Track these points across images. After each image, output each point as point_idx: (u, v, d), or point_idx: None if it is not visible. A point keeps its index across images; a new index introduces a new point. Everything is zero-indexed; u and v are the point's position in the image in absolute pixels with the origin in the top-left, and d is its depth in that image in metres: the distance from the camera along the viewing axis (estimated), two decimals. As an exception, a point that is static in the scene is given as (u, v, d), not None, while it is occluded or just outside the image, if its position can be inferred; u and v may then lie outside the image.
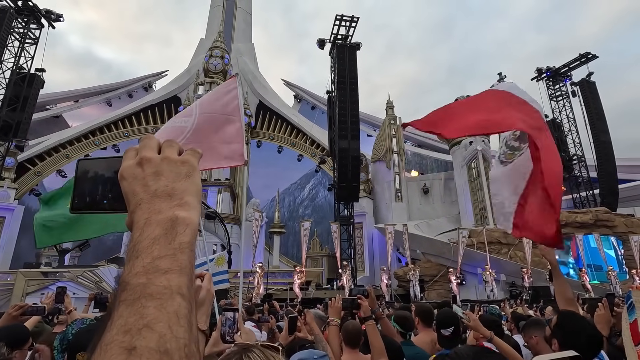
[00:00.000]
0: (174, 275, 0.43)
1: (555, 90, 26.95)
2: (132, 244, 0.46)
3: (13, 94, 19.69)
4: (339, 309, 2.64)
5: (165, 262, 0.44)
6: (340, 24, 23.06)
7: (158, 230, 0.46)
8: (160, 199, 0.50)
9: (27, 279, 14.52)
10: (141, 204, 0.50)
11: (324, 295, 17.60)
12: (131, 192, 0.52)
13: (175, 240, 0.46)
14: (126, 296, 0.41)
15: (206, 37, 37.18)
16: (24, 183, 24.28)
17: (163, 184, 0.51)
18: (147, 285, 0.41)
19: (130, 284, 0.42)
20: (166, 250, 0.45)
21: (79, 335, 1.60)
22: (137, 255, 0.44)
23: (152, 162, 0.53)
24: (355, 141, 21.51)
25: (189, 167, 0.55)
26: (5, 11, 19.49)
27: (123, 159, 0.56)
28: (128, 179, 0.53)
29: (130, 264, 0.44)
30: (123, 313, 0.40)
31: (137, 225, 0.48)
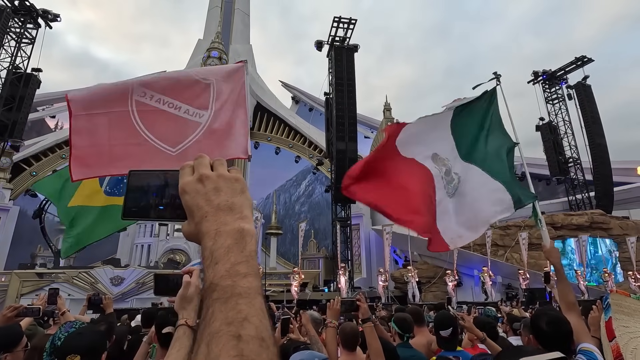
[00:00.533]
0: (252, 278, 0.51)
1: (551, 93, 27.12)
2: (208, 251, 0.54)
3: (9, 93, 19.56)
4: (337, 311, 2.64)
5: (243, 267, 0.52)
6: (338, 26, 23.11)
7: (230, 240, 0.54)
8: (223, 212, 0.58)
9: (21, 280, 14.42)
10: (207, 216, 0.57)
11: (321, 297, 17.59)
12: (195, 205, 0.59)
13: (246, 249, 0.54)
14: (219, 295, 0.49)
15: (204, 38, 37.15)
16: (19, 183, 24.12)
17: (224, 198, 0.59)
18: (234, 286, 0.49)
19: (220, 285, 0.50)
20: (241, 257, 0.53)
21: (70, 337, 1.59)
22: (216, 261, 0.52)
23: (211, 179, 0.61)
24: (353, 143, 21.53)
25: (242, 183, 0.63)
26: (1, 11, 19.39)
27: (181, 175, 0.63)
28: (191, 193, 0.60)
29: (212, 268, 0.52)
30: (222, 308, 0.48)
31: (208, 235, 0.55)
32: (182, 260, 20.40)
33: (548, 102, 27.13)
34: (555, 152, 25.08)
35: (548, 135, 25.40)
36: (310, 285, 19.56)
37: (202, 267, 0.56)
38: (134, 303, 14.18)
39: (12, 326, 2.51)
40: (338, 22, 23.02)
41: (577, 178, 25.25)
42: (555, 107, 26.89)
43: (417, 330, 3.28)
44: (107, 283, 14.77)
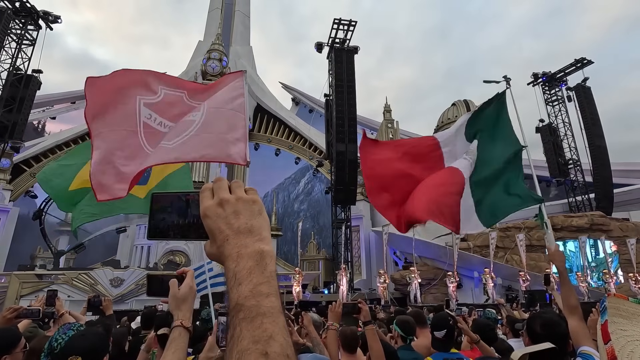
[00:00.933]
0: (274, 298, 0.55)
1: (551, 95, 27.16)
2: (231, 273, 0.57)
3: (9, 94, 19.59)
4: (339, 314, 2.65)
5: (265, 288, 0.55)
6: (338, 28, 23.16)
7: (251, 262, 0.57)
8: (243, 234, 0.61)
9: (21, 282, 14.39)
10: (229, 239, 0.61)
11: (320, 298, 17.57)
12: (217, 229, 0.62)
13: (267, 270, 0.58)
14: (245, 315, 0.52)
15: (204, 40, 37.23)
16: (19, 185, 24.12)
17: (243, 221, 0.62)
18: (259, 306, 0.53)
19: (245, 306, 0.52)
20: (262, 278, 0.56)
21: (73, 339, 1.59)
22: (239, 282, 0.55)
23: (230, 202, 0.64)
24: (353, 144, 21.53)
25: (259, 205, 0.66)
26: (2, 12, 19.43)
27: (201, 198, 0.66)
28: (212, 217, 0.63)
29: (236, 289, 0.55)
30: (249, 327, 0.50)
31: (230, 257, 0.59)
32: (182, 262, 20.38)
33: (548, 103, 27.16)
34: (555, 153, 25.10)
35: (548, 137, 25.43)
36: (310, 287, 19.54)
37: (225, 287, 0.59)
38: (134, 304, 14.17)
39: (9, 328, 2.50)
40: (338, 24, 23.06)
41: (577, 180, 25.26)
42: (555, 108, 26.93)
43: (420, 332, 3.28)
44: (106, 284, 14.75)
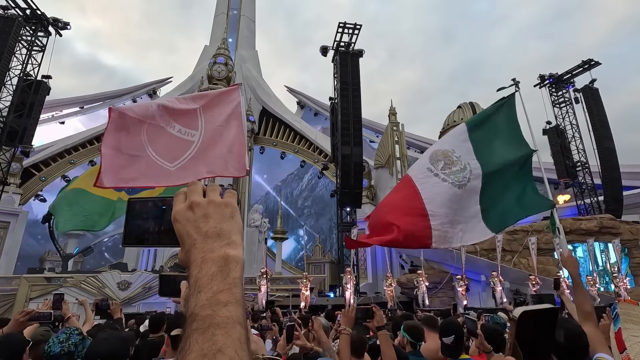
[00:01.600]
0: (233, 307, 0.51)
1: (558, 97, 26.94)
2: (193, 279, 0.54)
3: (20, 100, 19.92)
4: (352, 319, 2.64)
5: (224, 296, 0.52)
6: (343, 32, 23.24)
7: (214, 268, 0.54)
8: (211, 239, 0.58)
9: (30, 285, 14.55)
10: (195, 244, 0.58)
11: (327, 302, 17.51)
12: (185, 233, 0.60)
13: (230, 276, 0.54)
14: (197, 325, 0.49)
15: (210, 44, 37.55)
16: (29, 188, 24.45)
17: (212, 225, 0.59)
18: (213, 316, 0.49)
19: (200, 315, 0.50)
20: (223, 285, 0.53)
21: (95, 343, 1.62)
22: (199, 290, 0.52)
23: (201, 205, 0.61)
24: (358, 147, 21.54)
25: (232, 208, 0.63)
26: (13, 19, 19.80)
27: (174, 202, 0.64)
28: (181, 221, 0.61)
29: (195, 297, 0.52)
30: (198, 340, 0.47)
31: (195, 263, 0.56)
32: (188, 265, 20.48)
33: (555, 105, 26.93)
34: (562, 155, 24.84)
35: (555, 139, 25.19)
36: (316, 291, 19.49)
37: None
38: (141, 307, 14.25)
39: (16, 334, 2.51)
40: (343, 28, 23.15)
41: (585, 182, 24.96)
42: (562, 110, 26.68)
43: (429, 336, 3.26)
44: (114, 287, 14.86)
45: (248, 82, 35.92)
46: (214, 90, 3.81)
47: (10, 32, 19.39)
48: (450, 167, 3.38)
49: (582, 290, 2.35)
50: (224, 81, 29.63)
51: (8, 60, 19.53)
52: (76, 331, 1.76)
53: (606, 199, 23.80)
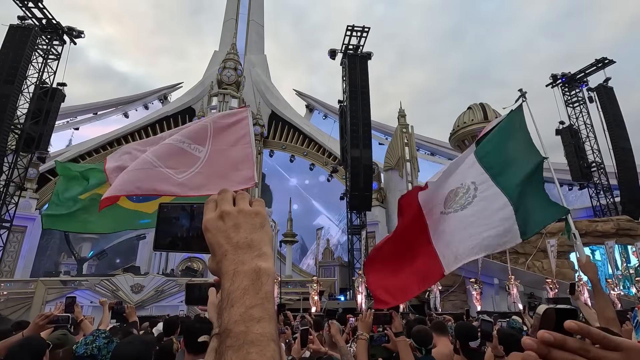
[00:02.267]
0: (266, 323, 0.51)
1: (571, 97, 26.46)
2: (225, 292, 0.54)
3: (36, 107, 20.44)
4: (369, 324, 2.63)
5: (257, 311, 0.51)
6: (352, 34, 23.29)
7: (246, 281, 0.54)
8: (242, 250, 0.58)
9: (47, 287, 14.86)
10: (227, 255, 0.58)
11: (337, 305, 17.45)
12: (216, 243, 0.60)
13: (262, 290, 0.54)
14: (231, 342, 0.49)
15: (219, 50, 38.01)
16: (45, 193, 25.01)
17: (243, 235, 0.59)
18: (247, 333, 0.49)
19: (233, 332, 0.49)
20: (256, 300, 0.52)
21: (120, 346, 1.66)
22: (232, 304, 0.52)
23: (231, 215, 0.61)
24: (367, 150, 21.49)
25: (262, 217, 0.63)
26: (30, 29, 20.37)
27: (205, 210, 0.63)
28: (212, 231, 0.61)
29: (228, 311, 0.52)
30: (232, 357, 0.47)
31: (226, 275, 0.56)
32: (200, 268, 20.66)
33: (568, 105, 26.46)
34: (576, 156, 24.36)
35: (569, 140, 24.73)
36: (326, 294, 19.44)
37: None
38: (154, 310, 14.42)
39: (36, 337, 2.57)
40: (351, 31, 23.19)
41: (600, 183, 24.42)
42: (575, 110, 26.20)
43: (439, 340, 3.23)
44: (127, 290, 15.07)
45: (257, 87, 36.21)
46: (223, 112, 4.01)
47: (27, 42, 19.95)
48: (455, 198, 3.38)
49: (603, 296, 2.30)
50: (234, 86, 29.93)
51: (25, 68, 20.07)
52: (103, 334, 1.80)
53: (623, 200, 23.23)
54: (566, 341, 0.45)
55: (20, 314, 13.83)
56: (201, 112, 30.26)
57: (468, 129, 26.02)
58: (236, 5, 41.19)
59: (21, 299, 14.57)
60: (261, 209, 0.64)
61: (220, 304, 0.54)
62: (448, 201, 3.42)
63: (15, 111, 19.51)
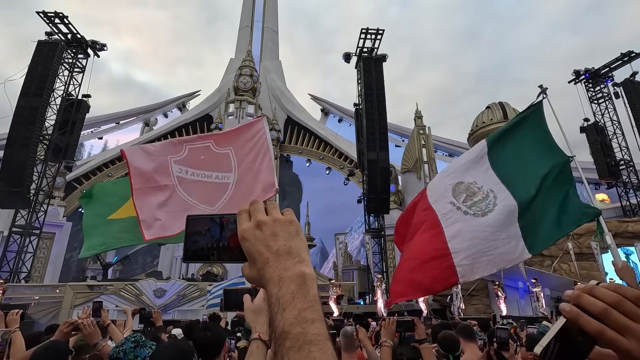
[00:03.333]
0: (319, 324, 0.54)
1: (595, 92, 25.53)
2: (274, 298, 0.57)
3: (63, 118, 21.31)
4: (392, 331, 2.59)
5: (310, 313, 0.54)
6: (366, 37, 23.27)
7: (293, 286, 0.57)
8: (283, 257, 0.60)
9: (74, 292, 15.36)
10: (269, 262, 0.60)
11: (357, 309, 17.30)
12: (256, 251, 0.62)
13: (309, 294, 0.57)
14: (291, 344, 0.52)
15: (235, 57, 38.67)
16: (71, 201, 25.97)
17: (281, 243, 0.62)
18: (305, 333, 0.52)
19: (291, 333, 0.52)
20: (306, 303, 0.55)
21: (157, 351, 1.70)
22: (283, 308, 0.55)
23: (268, 224, 0.64)
24: (384, 152, 21.35)
25: (296, 225, 0.66)
26: (57, 44, 21.31)
27: (239, 221, 0.66)
28: (250, 240, 0.63)
29: (281, 315, 0.55)
30: (296, 357, 0.50)
31: (271, 281, 0.59)
32: (220, 273, 20.91)
33: (592, 101, 25.54)
34: (603, 154, 23.43)
35: (594, 137, 23.83)
36: (346, 298, 19.31)
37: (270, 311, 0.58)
38: (176, 315, 14.68)
39: (59, 342, 2.64)
40: (366, 34, 23.18)
41: (630, 181, 23.39)
42: (600, 106, 25.25)
43: (466, 346, 3.14)
44: (150, 295, 15.41)
45: (273, 92, 36.60)
46: (240, 125, 4.32)
47: (54, 56, 20.87)
48: (472, 198, 3.24)
49: None
50: (250, 92, 30.35)
51: (52, 82, 20.98)
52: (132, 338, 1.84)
53: (655, 199, 22.19)
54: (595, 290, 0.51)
55: (49, 318, 14.34)
56: (219, 118, 30.80)
57: (487, 129, 25.46)
58: (251, 13, 41.87)
59: (51, 303, 15.11)
60: (294, 218, 0.67)
61: (271, 309, 0.57)
62: (459, 194, 3.31)
63: (44, 123, 20.39)
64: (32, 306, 14.25)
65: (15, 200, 18.97)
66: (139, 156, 4.15)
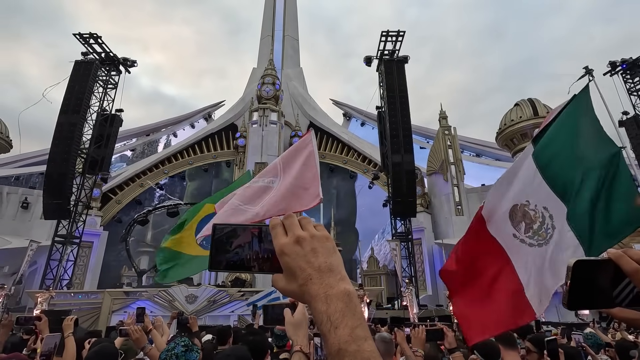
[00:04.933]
0: (371, 341, 0.56)
1: (634, 84, 24.09)
2: (324, 315, 0.58)
3: (98, 133, 22.48)
4: (422, 340, 2.55)
5: (361, 331, 0.56)
6: (387, 40, 23.15)
7: (341, 304, 0.58)
8: (325, 273, 0.62)
9: (112, 298, 16.03)
10: (312, 279, 0.61)
11: (386, 315, 17.02)
12: (298, 267, 0.63)
13: (357, 311, 0.58)
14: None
15: (258, 66, 39.47)
16: (107, 211, 27.22)
17: (322, 260, 0.63)
18: (361, 351, 0.54)
19: (348, 351, 0.54)
20: (356, 321, 0.57)
21: (220, 357, 1.76)
22: (335, 325, 0.56)
23: (306, 240, 0.65)
24: (409, 155, 21.04)
25: (332, 242, 0.67)
26: (91, 63, 22.59)
27: (275, 235, 0.67)
28: (291, 255, 0.64)
29: (334, 332, 0.56)
30: None
31: (317, 298, 0.60)
32: (248, 279, 21.21)
33: (631, 93, 24.11)
34: (645, 149, 22.04)
35: (635, 131, 22.48)
36: (374, 304, 19.06)
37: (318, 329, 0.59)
38: (207, 320, 14.99)
39: (109, 345, 2.77)
40: (386, 36, 23.07)
41: (677, 177, 21.80)
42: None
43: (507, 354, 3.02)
44: (182, 301, 15.83)
45: (295, 99, 37.00)
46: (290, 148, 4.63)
47: (90, 75, 22.12)
48: (531, 225, 2.93)
49: None
50: (273, 100, 30.83)
51: (89, 99, 22.22)
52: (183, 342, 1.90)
53: None
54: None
55: (89, 323, 15.02)
56: (243, 127, 31.45)
57: (516, 127, 24.57)
58: (271, 23, 42.67)
59: (91, 309, 15.84)
60: (329, 234, 0.68)
61: (321, 326, 0.58)
62: (516, 220, 3.01)
63: (82, 137, 21.58)
64: (74, 312, 14.98)
65: (57, 211, 20.13)
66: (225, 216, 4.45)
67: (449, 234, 23.52)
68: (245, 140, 30.28)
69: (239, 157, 30.39)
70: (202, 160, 31.98)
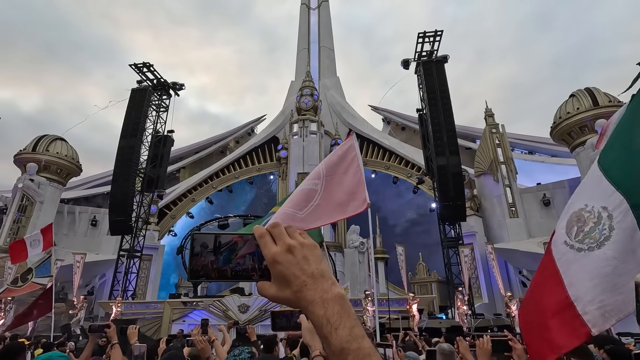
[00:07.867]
0: (368, 339, 0.60)
1: None
2: (323, 319, 0.61)
3: (154, 153, 24.28)
4: (488, 352, 2.41)
5: (358, 330, 0.60)
6: (424, 41, 22.69)
7: (337, 307, 0.62)
8: (318, 279, 0.65)
9: (172, 308, 17.00)
10: (307, 285, 0.64)
11: (439, 324, 16.30)
12: (291, 275, 0.65)
13: (351, 312, 0.63)
14: (354, 358, 0.58)
15: (296, 79, 40.42)
16: (164, 226, 29.10)
17: (314, 266, 0.66)
18: (362, 348, 0.58)
19: (351, 349, 0.58)
20: (352, 321, 0.61)
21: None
22: (335, 327, 0.60)
23: (297, 248, 0.67)
24: (455, 156, 20.25)
25: (319, 249, 0.70)
26: (145, 90, 24.61)
27: (264, 244, 0.68)
28: (284, 263, 0.66)
29: (335, 334, 0.60)
30: None
31: (314, 303, 0.63)
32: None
33: None
34: None
35: None
36: (426, 312, 18.37)
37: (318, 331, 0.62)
38: (259, 329, 15.35)
39: (177, 354, 2.97)
40: (423, 37, 22.62)
41: None
42: None
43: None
44: (235, 310, 16.37)
45: (333, 108, 37.31)
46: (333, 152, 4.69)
47: (144, 100, 24.08)
48: (583, 228, 2.61)
49: None
50: (312, 111, 31.35)
51: (144, 122, 24.16)
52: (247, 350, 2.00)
53: None
54: None
55: (152, 332, 16.03)
56: (284, 139, 32.24)
57: (573, 120, 22.67)
58: (307, 36, 43.65)
59: (154, 318, 16.92)
60: (315, 242, 0.71)
61: (322, 329, 0.61)
62: (571, 227, 2.70)
63: (139, 158, 23.44)
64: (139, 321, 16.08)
65: (121, 227, 21.92)
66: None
67: (503, 238, 22.16)
68: (287, 151, 31.00)
69: (282, 168, 31.13)
70: (247, 174, 33.19)
